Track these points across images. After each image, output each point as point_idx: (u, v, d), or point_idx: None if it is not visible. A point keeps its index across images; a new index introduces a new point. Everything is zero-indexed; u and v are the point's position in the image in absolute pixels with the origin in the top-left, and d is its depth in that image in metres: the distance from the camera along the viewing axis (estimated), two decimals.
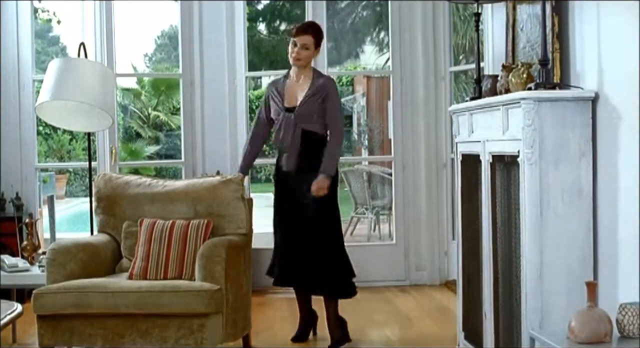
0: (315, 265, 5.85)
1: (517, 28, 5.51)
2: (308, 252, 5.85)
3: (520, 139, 4.52)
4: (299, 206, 5.90)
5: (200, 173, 7.78)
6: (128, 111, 20.79)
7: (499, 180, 5.14)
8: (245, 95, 7.99)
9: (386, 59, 16.34)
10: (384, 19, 15.73)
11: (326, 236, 5.89)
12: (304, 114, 5.88)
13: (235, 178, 5.90)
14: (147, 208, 5.94)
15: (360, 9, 15.51)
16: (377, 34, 16.23)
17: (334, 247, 5.91)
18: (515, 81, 4.85)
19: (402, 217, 7.98)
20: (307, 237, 5.86)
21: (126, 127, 20.40)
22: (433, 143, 7.91)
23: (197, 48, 7.88)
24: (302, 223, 5.89)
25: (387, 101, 16.93)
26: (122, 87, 20.67)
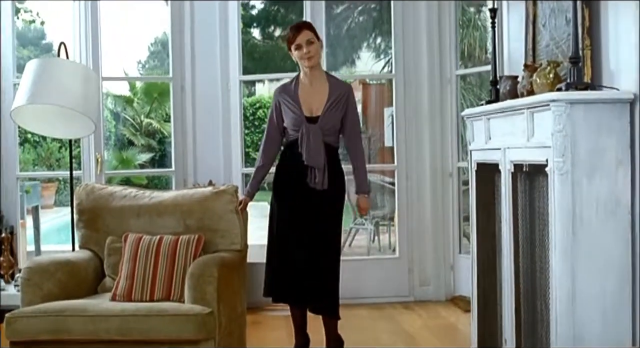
0: (321, 283, 5.29)
1: (539, 24, 4.94)
2: (313, 268, 5.28)
3: (549, 146, 3.97)
4: (308, 221, 5.31)
5: (191, 183, 7.20)
6: (120, 118, 20.28)
7: (522, 191, 4.58)
8: (240, 100, 7.41)
9: (383, 65, 15.94)
10: (381, 24, 15.33)
11: (332, 254, 5.35)
12: (328, 125, 5.31)
13: (228, 189, 5.35)
14: (132, 222, 5.39)
15: (356, 14, 15.05)
16: (373, 40, 15.75)
17: (336, 266, 5.37)
18: (540, 82, 4.29)
19: (405, 228, 7.41)
20: (313, 254, 5.28)
21: (118, 134, 19.88)
22: (438, 150, 7.34)
23: (188, 50, 7.31)
24: (311, 239, 5.30)
25: (384, 108, 16.43)
26: (113, 94, 20.24)
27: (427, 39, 7.29)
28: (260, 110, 21.88)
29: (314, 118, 5.29)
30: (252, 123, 21.52)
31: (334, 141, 5.36)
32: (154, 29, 20.83)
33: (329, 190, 5.28)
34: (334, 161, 5.35)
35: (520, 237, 4.59)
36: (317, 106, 5.31)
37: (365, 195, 5.51)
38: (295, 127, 5.31)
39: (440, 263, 7.36)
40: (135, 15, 21.09)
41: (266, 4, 15.76)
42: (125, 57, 20.82)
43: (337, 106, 5.30)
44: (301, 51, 5.28)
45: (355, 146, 5.44)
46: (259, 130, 21.53)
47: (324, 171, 5.26)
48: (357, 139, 5.45)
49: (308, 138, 5.25)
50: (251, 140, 20.96)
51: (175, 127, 7.37)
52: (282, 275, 5.35)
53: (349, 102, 5.36)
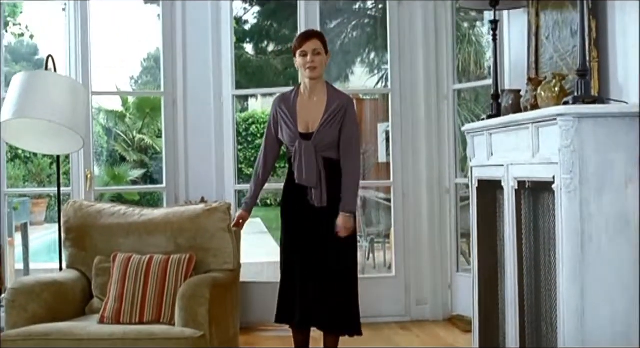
0: (335, 306, 5.06)
1: (542, 37, 4.76)
2: (324, 289, 5.02)
3: (556, 163, 3.79)
4: (313, 240, 5.05)
5: (183, 199, 6.98)
6: (112, 134, 20.07)
7: (525, 209, 4.38)
8: (233, 115, 7.20)
9: (377, 80, 15.77)
10: (375, 39, 15.18)
11: (345, 273, 5.10)
12: (323, 141, 5.05)
13: (221, 207, 5.14)
14: (121, 241, 5.20)
15: (350, 29, 14.87)
16: (367, 55, 15.57)
17: (351, 284, 5.13)
18: (546, 95, 4.11)
19: (402, 246, 7.19)
20: (323, 274, 5.02)
21: (110, 150, 19.66)
22: (436, 167, 7.14)
23: (180, 64, 7.10)
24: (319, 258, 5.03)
25: (378, 123, 16.27)
26: (106, 109, 20.05)
27: (424, 52, 7.09)
28: (253, 125, 21.70)
29: (310, 134, 5.05)
30: (245, 139, 21.34)
31: (335, 155, 5.07)
32: (147, 45, 20.66)
33: (333, 207, 5.01)
34: (335, 176, 5.05)
35: (524, 256, 4.39)
36: (313, 121, 5.07)
37: (347, 214, 5.03)
38: (291, 144, 5.09)
39: (438, 282, 7.15)
40: (128, 31, 20.96)
41: (259, 19, 15.60)
42: (118, 72, 20.61)
43: (334, 120, 5.04)
44: (305, 59, 5.05)
45: (347, 162, 5.07)
46: (252, 146, 21.36)
47: (321, 189, 5.01)
48: (351, 155, 5.08)
49: (301, 156, 5.01)
50: (244, 156, 20.78)
51: (167, 142, 7.16)
52: (290, 296, 5.10)
53: (348, 115, 5.06)
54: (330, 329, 5.12)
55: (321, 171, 5.02)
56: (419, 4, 7.07)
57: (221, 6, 7.12)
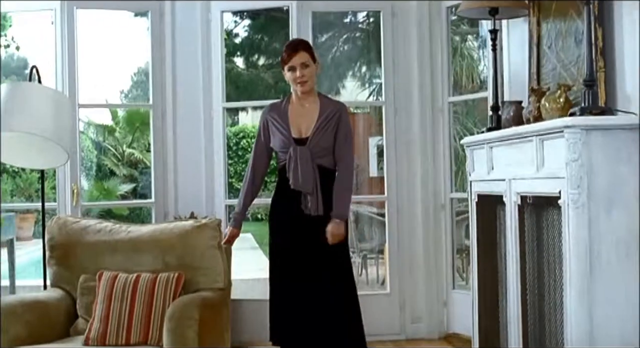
0: (331, 322, 4.80)
1: (543, 46, 4.56)
2: (321, 306, 4.78)
3: (563, 177, 3.58)
4: (307, 252, 4.82)
5: (172, 215, 6.75)
6: (102, 148, 19.84)
7: (529, 225, 4.17)
8: (223, 128, 6.98)
9: (368, 94, 15.60)
10: (366, 52, 15.00)
11: (343, 287, 4.86)
12: (319, 146, 4.85)
13: (210, 223, 4.92)
14: (107, 259, 4.97)
15: (341, 43, 14.71)
16: (358, 69, 15.39)
17: (350, 300, 4.88)
18: (550, 106, 3.90)
19: (396, 263, 6.97)
20: (318, 289, 4.78)
21: (100, 164, 19.42)
22: (431, 181, 6.92)
23: (169, 76, 6.89)
24: (312, 271, 4.80)
25: (369, 137, 16.07)
26: (95, 123, 19.83)
27: (418, 64, 6.88)
28: (244, 140, 21.52)
29: (304, 139, 4.86)
30: (235, 153, 21.17)
31: (329, 163, 4.88)
32: (137, 59, 20.46)
33: (326, 216, 4.79)
34: (331, 185, 4.84)
35: (527, 275, 4.18)
36: (306, 126, 4.88)
37: (337, 220, 4.81)
38: (283, 149, 4.88)
39: (433, 299, 6.92)
40: (119, 44, 20.80)
41: (250, 32, 15.42)
42: (108, 86, 20.47)
43: (328, 125, 4.86)
44: (294, 74, 4.86)
45: (342, 168, 4.90)
46: (242, 160, 21.17)
47: (317, 196, 4.79)
48: (346, 159, 4.91)
49: (296, 161, 4.80)
50: (234, 170, 20.58)
51: (156, 156, 6.93)
52: (285, 315, 4.86)
53: (341, 121, 4.90)
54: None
55: (316, 178, 4.81)
56: (413, 15, 6.87)
57: (211, 18, 6.90)
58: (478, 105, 13.86)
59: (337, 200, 4.82)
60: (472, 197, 4.81)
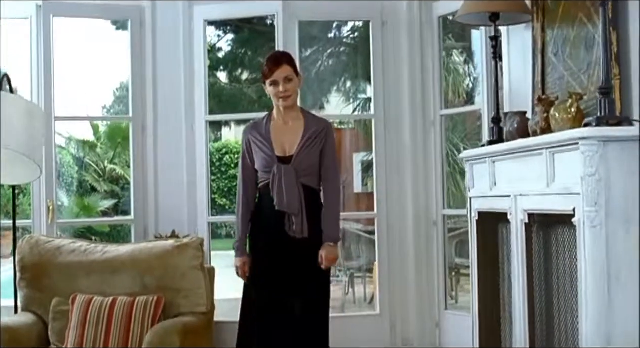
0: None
1: (549, 54, 4.23)
2: (296, 331, 4.50)
3: (578, 193, 3.24)
4: (288, 276, 4.52)
5: (152, 233, 6.40)
6: (83, 164, 19.46)
7: (537, 245, 3.83)
8: (206, 142, 6.64)
9: (352, 109, 15.31)
10: (351, 67, 14.72)
11: (320, 315, 4.58)
12: (304, 164, 4.57)
13: (192, 243, 4.61)
14: (82, 281, 4.69)
15: (325, 57, 14.43)
16: (343, 84, 15.12)
17: (324, 328, 4.59)
18: (561, 117, 3.58)
19: (386, 282, 6.64)
20: (296, 313, 4.50)
21: (81, 180, 19.04)
22: (422, 197, 6.61)
23: (149, 86, 6.55)
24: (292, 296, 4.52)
25: (353, 153, 15.77)
26: (77, 138, 19.49)
27: (409, 75, 6.57)
28: (227, 155, 21.23)
29: (288, 158, 4.56)
30: (218, 169, 20.88)
31: (314, 183, 4.61)
32: (119, 74, 20.10)
33: (312, 239, 4.50)
34: (316, 206, 4.58)
35: (535, 299, 3.84)
36: (290, 144, 4.59)
37: (330, 243, 4.58)
38: (266, 169, 4.57)
39: (425, 320, 6.58)
40: (100, 59, 20.47)
41: (233, 46, 15.14)
42: (90, 101, 20.04)
43: (314, 143, 4.58)
44: (277, 89, 4.56)
45: (329, 188, 4.65)
46: (226, 176, 20.85)
47: (302, 217, 4.50)
48: (333, 179, 4.66)
49: (280, 180, 4.50)
50: (217, 186, 20.29)
51: (135, 171, 6.57)
52: (258, 340, 4.54)
53: (327, 139, 4.63)
54: None
55: (302, 198, 4.52)
56: (404, 25, 6.58)
57: (194, 27, 6.57)
58: (465, 120, 13.62)
59: (328, 223, 4.59)
60: (472, 215, 4.48)
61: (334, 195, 4.62)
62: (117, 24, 13.49)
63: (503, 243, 4.29)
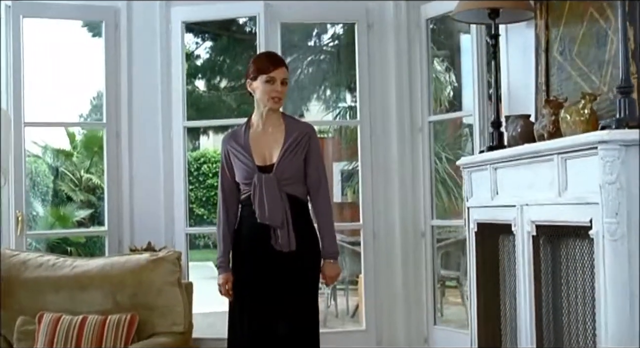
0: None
1: (554, 53, 3.90)
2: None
3: (595, 203, 2.90)
4: (274, 292, 4.18)
5: (127, 245, 6.03)
6: (59, 173, 19.07)
7: (545, 260, 3.48)
8: (184, 149, 6.28)
9: (333, 117, 15.06)
10: (331, 75, 14.44)
11: (309, 333, 4.26)
12: (286, 173, 4.22)
13: (168, 257, 4.28)
14: (49, 298, 4.39)
15: (305, 65, 14.15)
16: (323, 92, 14.83)
17: (315, 345, 4.29)
18: (573, 119, 3.24)
19: (373, 296, 6.30)
20: (288, 333, 4.17)
21: (56, 190, 18.65)
22: (410, 207, 6.28)
23: (124, 90, 6.19)
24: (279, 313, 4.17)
25: (333, 162, 15.52)
26: (52, 147, 19.13)
27: (396, 80, 6.25)
28: (205, 165, 20.94)
29: (269, 166, 4.22)
30: (196, 178, 20.57)
31: (299, 192, 4.26)
32: (96, 82, 19.76)
33: (299, 253, 4.16)
34: (303, 217, 4.25)
35: (544, 317, 3.49)
36: (271, 152, 4.25)
37: (331, 260, 4.30)
38: (247, 180, 4.23)
39: (413, 336, 6.24)
40: (77, 67, 20.13)
41: (211, 54, 14.82)
42: (66, 110, 19.68)
43: (297, 149, 4.24)
44: (273, 87, 4.21)
45: (320, 198, 4.31)
46: (203, 185, 20.54)
47: (288, 229, 4.16)
48: (323, 189, 4.32)
49: (261, 190, 4.15)
50: (195, 196, 19.97)
51: (110, 179, 6.20)
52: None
53: (311, 144, 4.29)
54: None
55: (286, 209, 4.17)
56: (390, 27, 6.26)
57: (171, 29, 6.22)
58: (447, 128, 13.36)
59: (325, 239, 4.29)
60: (471, 226, 4.13)
61: (325, 207, 4.31)
62: (94, 31, 13.18)
63: (504, 257, 3.95)
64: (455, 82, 14.05)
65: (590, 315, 3.14)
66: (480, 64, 5.67)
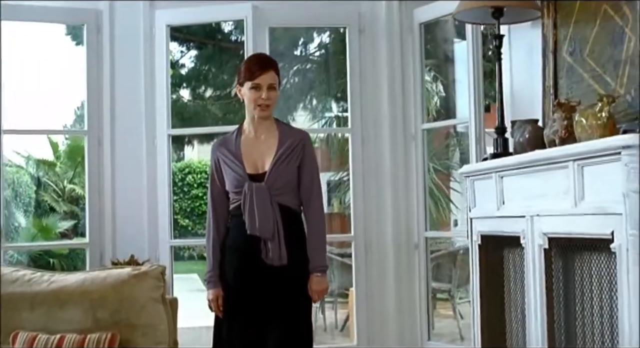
0: None
1: (563, 54, 3.64)
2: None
3: (618, 213, 2.63)
4: (265, 309, 3.91)
5: (109, 257, 5.74)
6: (41, 184, 18.82)
7: (556, 274, 3.21)
8: (168, 158, 5.99)
9: (319, 127, 14.89)
10: (317, 84, 14.24)
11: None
12: (279, 182, 3.96)
13: (152, 271, 3.99)
14: (24, 316, 4.13)
15: (291, 75, 13.92)
16: (309, 101, 14.63)
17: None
18: (589, 123, 2.98)
19: (364, 310, 6.03)
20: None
21: (39, 200, 18.43)
22: (403, 217, 6.01)
23: (107, 96, 5.90)
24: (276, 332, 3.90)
25: (320, 172, 15.29)
26: (36, 158, 19.02)
27: (389, 86, 5.98)
28: (189, 175, 20.71)
29: (261, 175, 3.96)
30: (181, 189, 20.32)
31: (292, 203, 4.00)
32: (80, 92, 19.58)
33: (291, 267, 3.90)
34: (295, 229, 3.99)
35: (556, 337, 3.21)
36: (263, 160, 4.00)
37: (318, 274, 4.01)
38: (237, 189, 3.96)
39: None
40: (60, 78, 19.93)
41: (197, 63, 14.58)
42: (50, 121, 19.54)
43: (290, 157, 3.97)
44: (258, 94, 3.94)
45: (313, 208, 4.05)
46: (188, 196, 20.26)
47: (279, 241, 3.89)
48: (316, 199, 4.05)
49: (252, 200, 3.89)
50: (180, 206, 19.72)
51: (91, 189, 5.91)
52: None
53: (306, 152, 4.03)
54: None
55: (277, 220, 3.91)
56: (382, 32, 6.01)
57: (155, 32, 5.94)
58: (434, 138, 13.17)
59: (314, 251, 4.01)
60: (474, 238, 3.85)
61: (318, 219, 4.03)
62: (78, 40, 12.93)
63: (510, 271, 3.67)
64: (443, 92, 13.90)
65: (609, 334, 2.88)
66: (476, 69, 5.42)
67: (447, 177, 13.82)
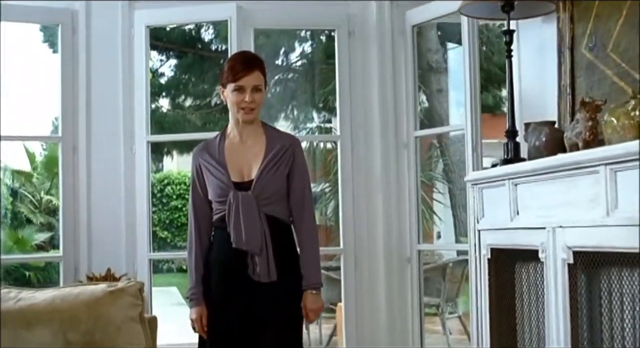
0: None
1: (582, 50, 3.29)
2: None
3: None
4: (253, 328, 3.58)
5: (84, 272, 5.39)
6: (18, 195, 18.48)
7: (580, 293, 2.86)
8: (147, 166, 5.63)
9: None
10: (299, 94, 13.99)
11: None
12: (266, 191, 3.62)
13: (129, 288, 3.63)
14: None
15: (273, 84, 13.66)
16: (291, 111, 14.39)
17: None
18: (620, 124, 2.63)
19: (354, 327, 5.69)
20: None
21: (15, 212, 18.09)
22: (394, 229, 5.70)
23: (82, 100, 5.56)
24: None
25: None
26: (12, 169, 18.63)
27: (379, 92, 5.67)
28: (168, 186, 20.39)
29: (247, 183, 3.61)
30: (159, 200, 19.96)
31: (281, 213, 3.64)
32: (58, 103, 19.36)
33: (280, 284, 3.56)
34: (285, 241, 3.65)
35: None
36: (249, 167, 3.65)
37: (313, 291, 3.68)
38: (221, 198, 3.60)
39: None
40: (36, 87, 19.62)
41: (176, 72, 14.34)
42: (27, 130, 19.14)
43: (279, 164, 3.63)
44: (241, 97, 3.58)
45: (304, 220, 3.70)
46: (167, 207, 19.90)
47: (267, 256, 3.54)
48: (308, 210, 3.72)
49: (237, 210, 3.54)
50: (159, 218, 19.36)
51: (65, 199, 5.54)
52: None
53: (296, 159, 3.69)
54: None
55: (265, 232, 3.56)
56: (373, 35, 5.70)
57: (134, 33, 5.58)
58: (421, 145, 12.89)
59: (308, 266, 3.67)
60: (482, 252, 3.49)
61: (310, 230, 3.69)
62: (54, 48, 12.65)
63: (523, 288, 3.31)
64: (426, 102, 13.65)
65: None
66: (473, 74, 5.12)
67: (430, 188, 13.56)
